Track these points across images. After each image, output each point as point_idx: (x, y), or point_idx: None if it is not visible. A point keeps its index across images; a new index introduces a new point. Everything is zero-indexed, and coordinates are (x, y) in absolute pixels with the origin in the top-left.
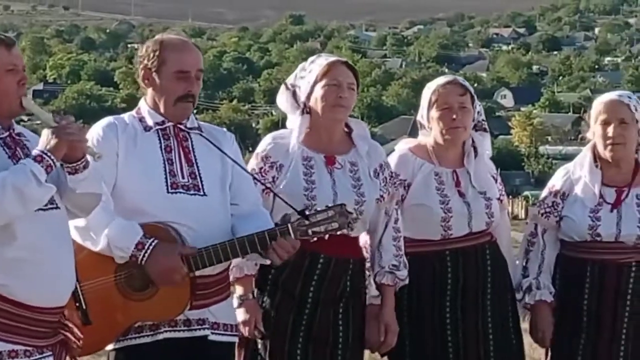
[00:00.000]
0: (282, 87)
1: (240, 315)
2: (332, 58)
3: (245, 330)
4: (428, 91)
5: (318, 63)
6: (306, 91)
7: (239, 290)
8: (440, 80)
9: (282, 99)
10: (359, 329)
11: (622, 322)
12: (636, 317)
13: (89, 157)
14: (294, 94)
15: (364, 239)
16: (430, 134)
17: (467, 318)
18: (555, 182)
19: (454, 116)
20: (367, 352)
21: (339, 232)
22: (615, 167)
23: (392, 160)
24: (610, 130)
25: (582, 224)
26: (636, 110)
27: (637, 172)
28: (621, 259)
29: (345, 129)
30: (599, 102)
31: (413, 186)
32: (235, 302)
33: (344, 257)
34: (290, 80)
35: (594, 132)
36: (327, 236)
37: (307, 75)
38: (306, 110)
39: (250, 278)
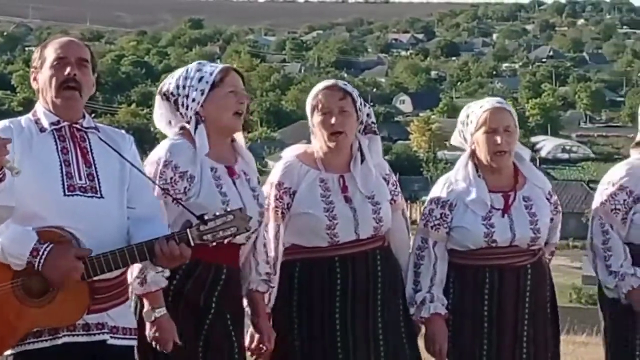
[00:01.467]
0: (158, 97)
1: (155, 331)
2: (222, 65)
3: (159, 347)
4: (310, 97)
5: (209, 71)
6: (200, 100)
7: (151, 304)
8: (321, 85)
9: (162, 109)
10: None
11: (522, 325)
12: (534, 318)
13: (6, 171)
14: (176, 103)
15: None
16: (317, 140)
17: (357, 323)
18: (439, 193)
19: (333, 121)
20: None
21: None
22: (497, 173)
23: (278, 168)
24: (498, 138)
25: (477, 232)
26: (515, 117)
27: (517, 175)
28: (517, 263)
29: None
30: (482, 110)
31: (298, 194)
32: (149, 317)
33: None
34: (167, 89)
35: (476, 140)
36: (226, 241)
37: (198, 84)
38: (201, 119)
39: (160, 291)
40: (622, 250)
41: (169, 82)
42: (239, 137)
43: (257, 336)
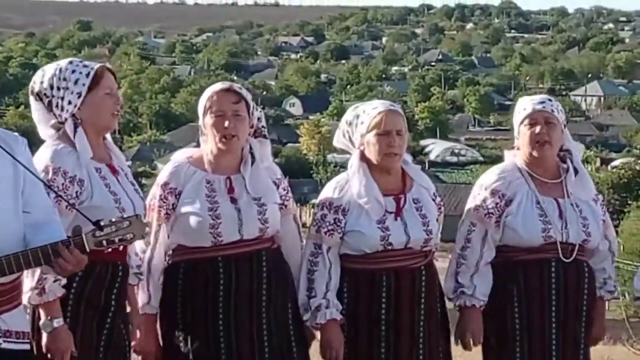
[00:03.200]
0: (31, 97)
1: (53, 342)
2: (97, 65)
3: (57, 357)
4: (203, 97)
5: (84, 72)
6: (77, 103)
7: (49, 314)
8: (216, 87)
9: (35, 109)
10: None
11: (419, 326)
12: (429, 319)
13: None
14: (50, 104)
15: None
16: (208, 141)
17: (240, 324)
18: (330, 197)
19: (226, 124)
20: None
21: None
22: (387, 175)
23: (166, 169)
24: (392, 141)
25: (373, 236)
26: (405, 120)
27: (405, 178)
28: (412, 265)
29: None
30: (376, 112)
31: (183, 194)
32: (46, 328)
33: None
34: (39, 89)
35: (367, 142)
36: (121, 247)
37: (74, 87)
38: (78, 121)
39: (58, 301)
40: (474, 263)
41: (40, 81)
42: (107, 134)
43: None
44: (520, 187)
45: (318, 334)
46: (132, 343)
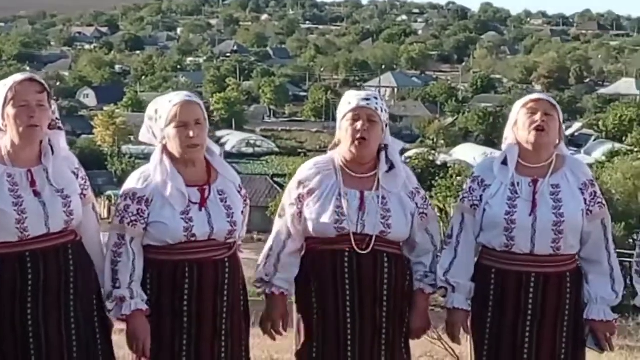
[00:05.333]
0: None
1: None
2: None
3: None
4: (4, 88)
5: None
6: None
7: None
8: (17, 77)
9: None
10: None
11: (221, 318)
12: (232, 311)
13: None
14: None
15: None
16: (8, 133)
17: (50, 319)
18: (134, 188)
19: (31, 115)
20: None
21: None
22: (191, 167)
23: None
24: (189, 131)
25: (176, 227)
26: (204, 110)
27: (210, 169)
28: (215, 256)
29: None
30: (172, 105)
31: None
32: None
33: None
34: None
35: (167, 135)
36: None
37: None
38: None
39: None
40: (277, 253)
41: None
42: None
43: None
44: (327, 179)
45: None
46: None
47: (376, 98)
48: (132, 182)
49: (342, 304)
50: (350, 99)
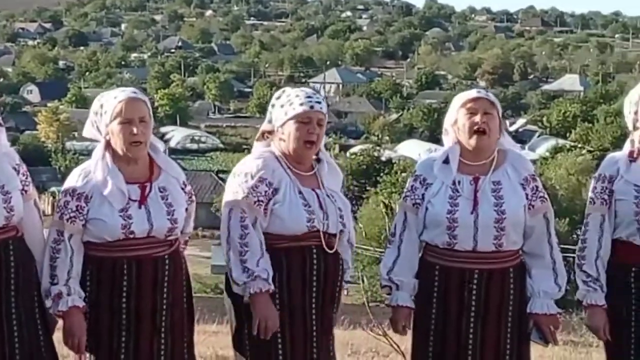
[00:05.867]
0: None
1: None
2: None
3: None
4: None
5: None
6: None
7: None
8: None
9: None
10: None
11: (161, 315)
12: (172, 308)
13: None
14: None
15: None
16: None
17: None
18: (74, 185)
19: None
20: None
21: None
22: (134, 164)
23: None
24: (133, 128)
25: (114, 224)
26: (150, 107)
27: (152, 166)
28: (155, 253)
29: None
30: (117, 101)
31: None
32: None
33: None
34: None
35: (111, 131)
36: None
37: None
38: None
39: None
40: (259, 248)
41: None
42: None
43: None
44: (283, 176)
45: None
46: None
47: (320, 102)
48: (73, 178)
49: (308, 301)
50: (299, 101)
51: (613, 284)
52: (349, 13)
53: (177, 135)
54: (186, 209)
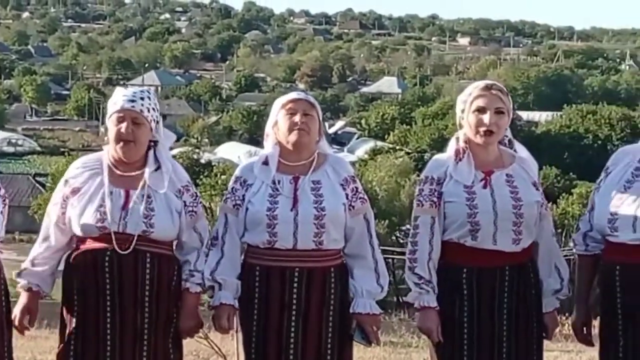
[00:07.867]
0: None
1: None
2: None
3: None
4: None
5: None
6: None
7: None
8: None
9: None
10: None
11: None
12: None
13: None
14: None
15: None
16: None
17: None
18: None
19: None
20: None
21: None
22: None
23: None
24: None
25: None
26: None
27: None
28: None
29: None
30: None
31: None
32: None
33: None
34: None
35: None
36: None
37: None
38: None
39: None
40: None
41: None
42: None
43: None
44: (93, 177)
45: None
46: None
47: (142, 98)
48: None
49: (102, 306)
50: (116, 99)
51: (444, 285)
52: (167, 15)
53: None
54: (0, 213)
